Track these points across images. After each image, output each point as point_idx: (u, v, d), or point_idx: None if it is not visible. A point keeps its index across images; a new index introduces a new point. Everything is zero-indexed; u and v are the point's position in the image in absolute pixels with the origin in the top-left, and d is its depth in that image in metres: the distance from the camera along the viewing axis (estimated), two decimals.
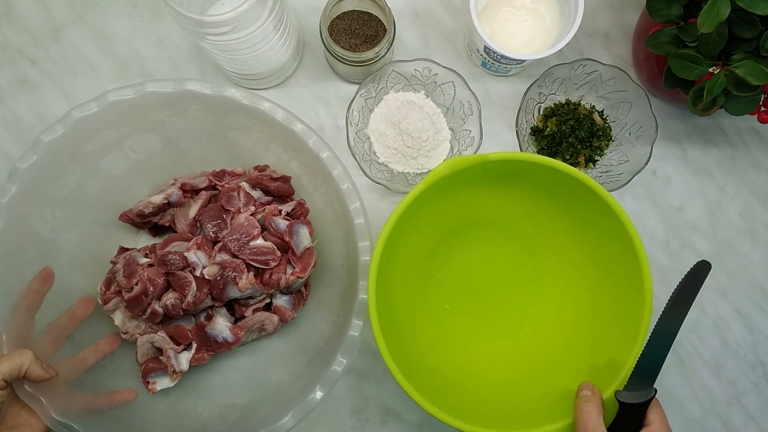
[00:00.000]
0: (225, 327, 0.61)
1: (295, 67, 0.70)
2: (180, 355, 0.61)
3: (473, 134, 0.66)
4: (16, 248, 0.57)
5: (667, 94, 0.68)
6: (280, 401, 0.59)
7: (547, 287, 0.65)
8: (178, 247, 0.60)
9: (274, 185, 0.63)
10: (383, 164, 0.68)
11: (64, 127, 0.56)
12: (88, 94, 0.61)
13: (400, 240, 0.57)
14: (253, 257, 0.58)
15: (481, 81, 0.71)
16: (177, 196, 0.62)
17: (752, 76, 0.54)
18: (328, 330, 0.61)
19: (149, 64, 0.70)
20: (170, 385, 0.61)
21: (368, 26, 0.66)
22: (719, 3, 0.52)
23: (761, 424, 0.69)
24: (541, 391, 0.59)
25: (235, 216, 0.61)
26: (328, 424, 0.68)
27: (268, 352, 0.65)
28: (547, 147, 0.68)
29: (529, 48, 0.66)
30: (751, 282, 0.71)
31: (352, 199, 0.57)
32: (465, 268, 0.66)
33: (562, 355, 0.61)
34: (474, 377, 0.61)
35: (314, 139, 0.57)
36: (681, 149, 0.71)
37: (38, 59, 0.70)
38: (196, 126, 0.62)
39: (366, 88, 0.65)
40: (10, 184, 0.56)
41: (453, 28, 0.71)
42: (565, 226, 0.62)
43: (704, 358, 0.70)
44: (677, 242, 0.71)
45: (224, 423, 0.61)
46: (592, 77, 0.67)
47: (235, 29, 0.53)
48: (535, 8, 0.66)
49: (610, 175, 0.66)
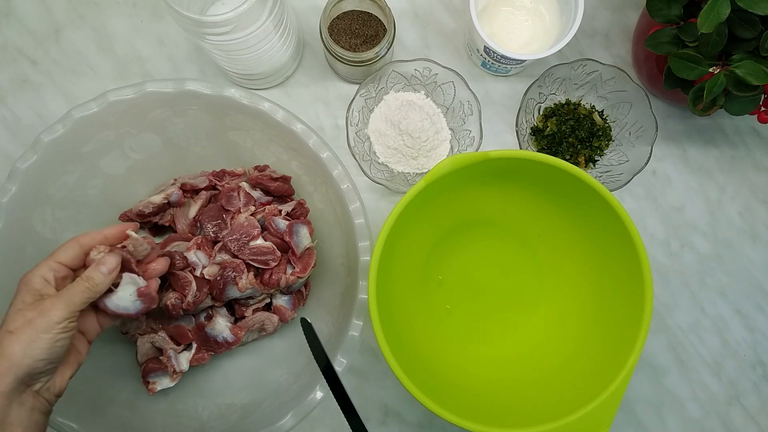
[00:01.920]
0: (225, 327, 0.61)
1: (295, 67, 0.70)
2: (180, 355, 0.61)
3: (473, 134, 0.66)
4: (16, 248, 0.57)
5: (667, 94, 0.68)
6: (280, 401, 0.59)
7: (547, 287, 0.65)
8: (178, 247, 0.60)
9: (274, 185, 0.63)
10: (383, 164, 0.68)
11: (64, 127, 0.56)
12: (88, 94, 0.61)
13: (401, 239, 0.57)
14: (253, 257, 0.58)
15: (481, 81, 0.71)
16: (177, 196, 0.62)
17: (752, 76, 0.54)
18: (328, 330, 0.61)
19: (149, 64, 0.70)
20: (170, 385, 0.61)
21: (368, 26, 0.66)
22: (719, 3, 0.52)
23: (761, 424, 0.69)
24: (541, 389, 0.59)
25: (235, 216, 0.61)
26: (328, 424, 0.68)
27: (268, 352, 0.65)
28: (547, 147, 0.68)
29: (529, 48, 0.66)
30: (751, 282, 0.71)
31: (352, 199, 0.57)
32: (465, 268, 0.66)
33: (562, 354, 0.61)
34: (474, 376, 0.61)
35: (314, 139, 0.57)
36: (681, 149, 0.71)
37: (38, 59, 0.70)
38: (196, 126, 0.62)
39: (366, 88, 0.65)
40: (10, 184, 0.56)
41: (453, 28, 0.71)
42: (566, 225, 0.62)
43: (704, 358, 0.70)
44: (677, 242, 0.71)
45: (224, 423, 0.61)
46: (592, 77, 0.67)
47: (235, 29, 0.53)
48: (535, 8, 0.66)
49: (610, 175, 0.66)
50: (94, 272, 0.48)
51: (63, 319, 0.45)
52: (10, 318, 0.45)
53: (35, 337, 0.44)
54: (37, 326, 0.44)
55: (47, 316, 0.45)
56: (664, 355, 0.70)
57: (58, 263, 0.48)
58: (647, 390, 0.69)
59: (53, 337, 0.44)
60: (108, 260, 0.49)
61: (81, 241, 0.50)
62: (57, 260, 0.48)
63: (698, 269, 0.70)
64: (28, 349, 0.44)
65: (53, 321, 0.45)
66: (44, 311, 0.45)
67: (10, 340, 0.44)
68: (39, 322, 0.44)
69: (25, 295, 0.46)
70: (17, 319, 0.45)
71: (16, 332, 0.44)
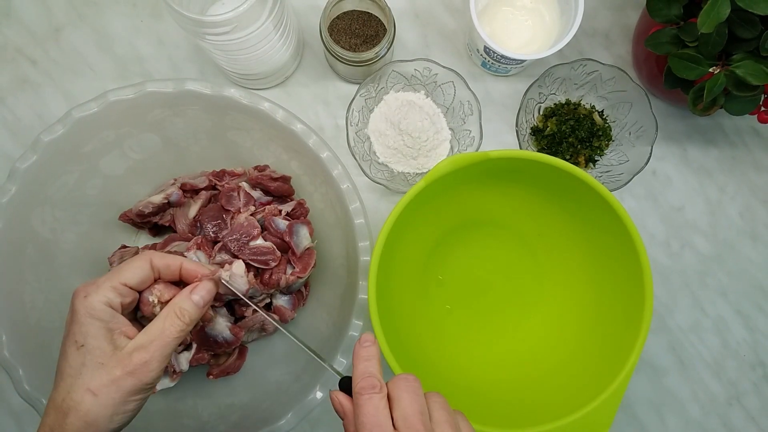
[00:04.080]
0: (225, 327, 0.61)
1: (295, 67, 0.70)
2: (180, 355, 0.61)
3: (473, 134, 0.66)
4: (16, 248, 0.57)
5: (667, 94, 0.68)
6: (280, 401, 0.59)
7: (547, 287, 0.65)
8: (178, 247, 0.60)
9: (274, 185, 0.63)
10: (383, 164, 0.68)
11: (64, 127, 0.56)
12: (88, 94, 0.61)
13: (401, 239, 0.57)
14: (253, 257, 0.58)
15: (481, 81, 0.71)
16: (177, 196, 0.62)
17: (752, 76, 0.54)
18: (328, 330, 0.61)
19: (149, 64, 0.70)
20: (170, 385, 0.61)
21: (368, 26, 0.66)
22: (719, 3, 0.52)
23: (761, 424, 0.69)
24: (541, 389, 0.59)
25: (235, 216, 0.61)
26: (328, 424, 0.67)
27: (268, 352, 0.65)
28: (547, 147, 0.68)
29: (529, 48, 0.66)
30: (751, 282, 0.70)
31: (352, 199, 0.57)
32: (465, 268, 0.66)
33: (562, 354, 0.61)
34: (474, 376, 0.61)
35: (314, 139, 0.57)
36: (681, 149, 0.71)
37: (38, 59, 0.70)
38: (196, 126, 0.62)
39: (366, 88, 0.65)
40: (10, 184, 0.56)
41: (453, 28, 0.71)
42: (566, 225, 0.62)
43: (704, 358, 0.70)
44: (677, 242, 0.71)
45: (224, 423, 0.61)
46: (592, 77, 0.67)
47: (235, 29, 0.53)
48: (535, 8, 0.66)
49: (610, 175, 0.66)
50: (187, 303, 0.40)
51: (158, 378, 0.38)
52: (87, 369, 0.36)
53: (124, 402, 0.37)
54: (126, 388, 0.36)
55: (139, 376, 0.37)
56: (664, 356, 0.70)
57: (125, 286, 0.40)
58: (647, 390, 0.69)
59: (144, 396, 0.38)
60: (203, 290, 0.41)
61: (154, 261, 0.42)
62: (124, 282, 0.40)
63: (698, 269, 0.70)
64: (116, 415, 0.36)
65: (146, 382, 0.37)
66: (136, 371, 0.37)
67: (95, 404, 0.36)
68: (129, 383, 0.37)
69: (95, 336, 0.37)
70: (101, 375, 0.36)
71: (100, 394, 0.36)
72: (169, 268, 0.42)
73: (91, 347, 0.37)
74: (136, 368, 0.37)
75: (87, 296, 0.38)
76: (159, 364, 0.38)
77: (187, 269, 0.42)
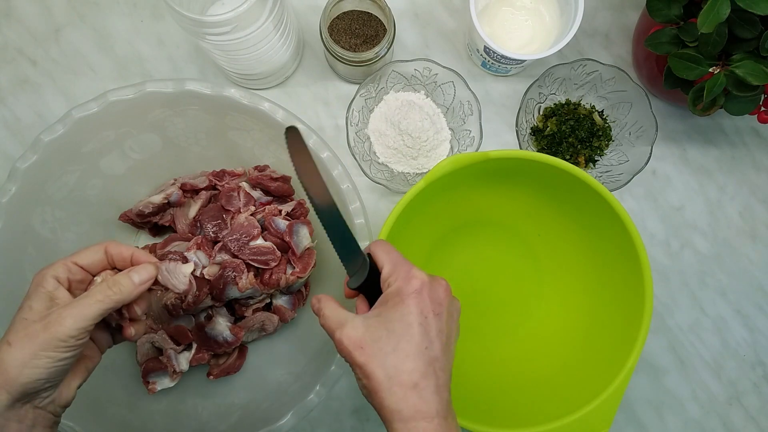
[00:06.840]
0: (225, 327, 0.61)
1: (295, 67, 0.70)
2: (180, 355, 0.61)
3: (473, 134, 0.66)
4: (16, 248, 0.57)
5: (667, 94, 0.68)
6: (280, 401, 0.59)
7: (547, 286, 0.65)
8: (178, 247, 0.60)
9: (274, 185, 0.63)
10: (383, 164, 0.68)
11: (64, 127, 0.56)
12: (88, 94, 0.61)
13: (401, 239, 0.57)
14: (253, 257, 0.58)
15: (481, 81, 0.71)
16: (177, 196, 0.62)
17: (752, 76, 0.54)
18: None
19: (149, 64, 0.70)
20: (170, 385, 0.61)
21: (368, 26, 0.66)
22: (719, 3, 0.52)
23: (761, 424, 0.69)
24: (541, 389, 0.59)
25: (235, 216, 0.61)
26: (328, 424, 0.68)
27: (268, 352, 0.65)
28: (547, 147, 0.68)
29: (529, 48, 0.66)
30: (751, 282, 0.71)
31: (352, 199, 0.57)
32: (465, 268, 0.66)
33: (562, 354, 0.61)
34: (474, 376, 0.61)
35: (314, 139, 0.57)
36: (681, 149, 0.71)
37: (38, 59, 0.70)
38: (196, 126, 0.62)
39: (366, 88, 0.65)
40: (10, 184, 0.56)
41: (453, 28, 0.71)
42: (566, 225, 0.62)
43: (704, 358, 0.70)
44: (677, 242, 0.71)
45: (224, 423, 0.61)
46: (592, 77, 0.67)
47: (235, 29, 0.53)
48: (535, 8, 0.66)
49: (610, 175, 0.66)
50: (124, 278, 0.42)
51: (70, 336, 0.39)
52: (13, 326, 0.40)
53: (35, 354, 0.38)
54: (38, 341, 0.38)
55: (52, 330, 0.39)
56: (664, 355, 0.70)
57: (75, 265, 0.43)
58: (647, 390, 0.69)
59: (56, 355, 0.39)
60: (143, 270, 0.43)
61: (109, 248, 0.44)
62: (76, 261, 0.43)
63: (698, 269, 0.70)
64: (26, 367, 0.38)
65: (58, 337, 0.39)
66: (49, 324, 0.39)
67: (8, 352, 0.38)
68: (42, 337, 0.39)
69: (34, 299, 0.41)
70: (20, 329, 0.39)
71: (14, 345, 0.39)
72: (122, 255, 0.45)
73: (31, 310, 0.40)
74: (50, 322, 0.39)
75: (41, 270, 0.42)
76: (74, 322, 0.39)
77: (137, 257, 0.45)
